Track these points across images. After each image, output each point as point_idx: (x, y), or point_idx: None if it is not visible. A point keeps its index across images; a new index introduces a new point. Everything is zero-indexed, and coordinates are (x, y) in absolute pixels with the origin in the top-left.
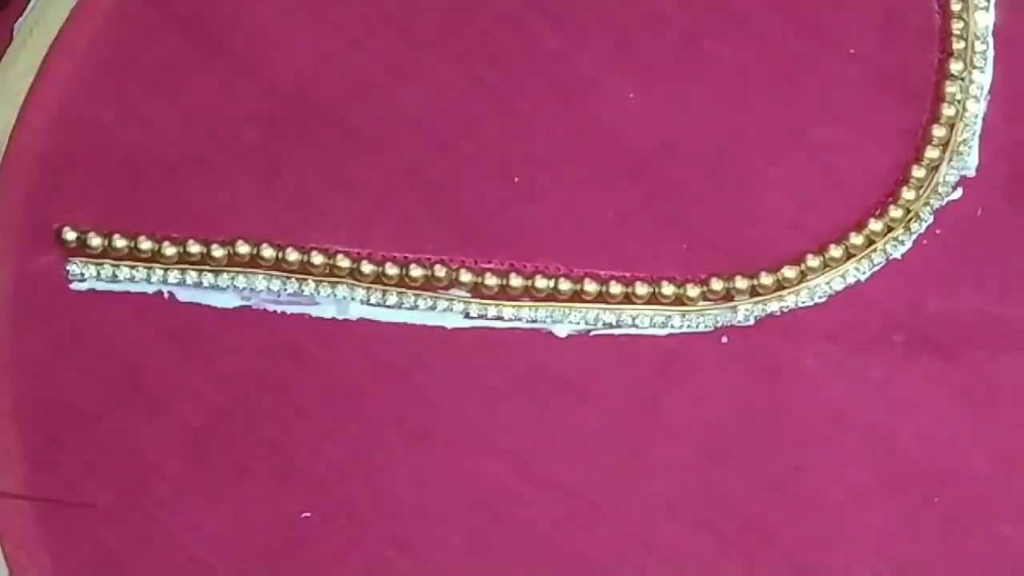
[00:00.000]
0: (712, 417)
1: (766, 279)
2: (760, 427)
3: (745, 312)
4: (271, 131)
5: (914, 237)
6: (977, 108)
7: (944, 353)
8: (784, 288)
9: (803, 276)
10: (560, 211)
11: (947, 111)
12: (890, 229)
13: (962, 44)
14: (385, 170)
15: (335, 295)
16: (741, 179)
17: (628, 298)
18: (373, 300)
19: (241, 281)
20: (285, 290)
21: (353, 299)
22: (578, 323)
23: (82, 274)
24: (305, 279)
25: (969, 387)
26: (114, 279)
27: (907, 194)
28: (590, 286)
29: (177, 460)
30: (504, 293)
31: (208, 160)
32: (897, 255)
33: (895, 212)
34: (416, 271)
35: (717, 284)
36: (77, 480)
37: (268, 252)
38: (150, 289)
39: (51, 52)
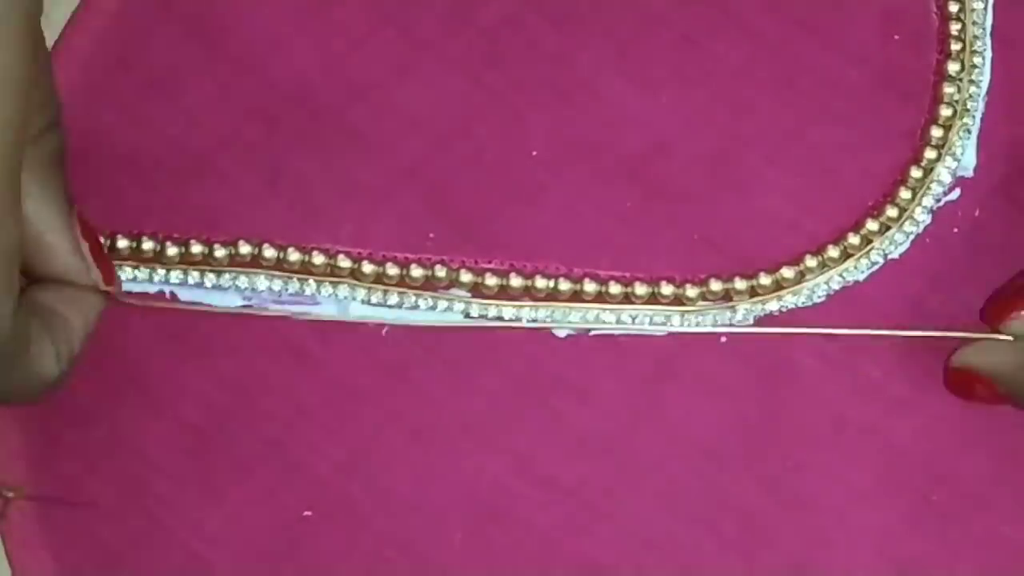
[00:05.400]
0: (711, 417)
1: (765, 279)
2: (759, 427)
3: (744, 312)
4: (272, 131)
5: (912, 237)
6: (975, 109)
7: (944, 353)
8: (783, 288)
9: (801, 276)
10: (560, 211)
11: (945, 112)
12: (887, 229)
13: (960, 46)
14: (385, 170)
15: (336, 295)
16: (740, 179)
17: (628, 298)
18: (374, 300)
19: (243, 281)
20: (286, 290)
21: (354, 299)
22: (578, 323)
23: None
24: (306, 279)
25: None
26: None
27: (904, 194)
28: (590, 286)
29: (178, 459)
30: (504, 293)
31: (210, 160)
32: (895, 255)
33: (891, 212)
34: (417, 271)
35: (716, 284)
36: (78, 479)
37: (270, 252)
38: (152, 289)
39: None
